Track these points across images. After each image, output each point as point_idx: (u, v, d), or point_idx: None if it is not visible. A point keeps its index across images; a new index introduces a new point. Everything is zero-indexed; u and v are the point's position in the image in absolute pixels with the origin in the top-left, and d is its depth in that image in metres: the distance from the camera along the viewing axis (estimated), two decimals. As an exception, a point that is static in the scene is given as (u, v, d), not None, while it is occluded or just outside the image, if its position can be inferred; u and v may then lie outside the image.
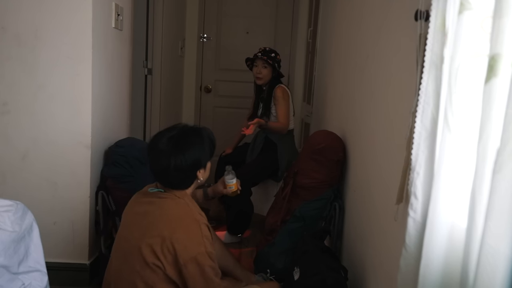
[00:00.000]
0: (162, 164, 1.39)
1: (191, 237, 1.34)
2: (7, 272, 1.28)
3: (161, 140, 1.41)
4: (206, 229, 1.39)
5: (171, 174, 1.40)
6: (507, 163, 0.59)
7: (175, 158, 1.37)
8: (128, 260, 1.38)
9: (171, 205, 1.40)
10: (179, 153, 1.38)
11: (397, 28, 1.32)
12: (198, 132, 1.46)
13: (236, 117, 3.83)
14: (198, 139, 1.44)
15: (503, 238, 0.60)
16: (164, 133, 1.44)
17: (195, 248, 1.32)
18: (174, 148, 1.39)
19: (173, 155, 1.38)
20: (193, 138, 1.44)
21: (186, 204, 1.42)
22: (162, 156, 1.39)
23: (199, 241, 1.34)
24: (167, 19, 3.30)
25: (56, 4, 1.86)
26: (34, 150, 1.94)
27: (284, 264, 1.91)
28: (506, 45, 0.60)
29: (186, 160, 1.39)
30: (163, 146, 1.39)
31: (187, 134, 1.44)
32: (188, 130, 1.46)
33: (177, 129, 1.45)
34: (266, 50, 2.78)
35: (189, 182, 1.47)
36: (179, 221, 1.36)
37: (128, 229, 1.43)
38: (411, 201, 0.84)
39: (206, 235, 1.36)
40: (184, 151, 1.39)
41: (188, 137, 1.43)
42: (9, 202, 1.37)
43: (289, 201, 2.09)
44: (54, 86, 1.91)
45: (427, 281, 0.77)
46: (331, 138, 2.07)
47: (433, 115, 0.80)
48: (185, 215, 1.39)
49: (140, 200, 1.47)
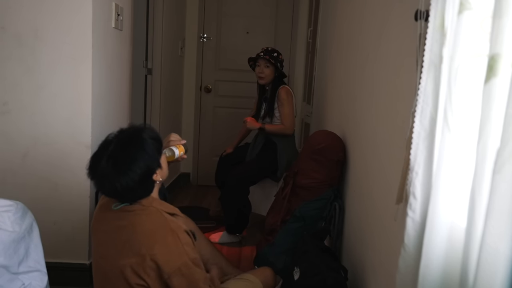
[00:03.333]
0: (110, 189, 1.27)
1: (171, 249, 1.26)
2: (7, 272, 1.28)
3: (99, 163, 1.25)
4: (184, 236, 1.30)
5: (123, 194, 1.29)
6: (507, 163, 0.59)
7: (120, 181, 1.23)
8: (111, 280, 1.31)
9: (142, 218, 1.30)
10: (122, 174, 1.23)
11: (397, 28, 1.32)
12: (137, 138, 1.30)
13: (236, 117, 3.83)
14: (138, 147, 1.28)
15: (503, 238, 0.60)
16: (100, 154, 1.27)
17: (177, 260, 1.25)
18: (115, 169, 1.23)
19: (116, 178, 1.23)
20: (132, 148, 1.27)
21: (158, 213, 1.31)
22: (105, 182, 1.25)
23: (180, 251, 1.27)
24: (167, 19, 3.30)
25: (57, 4, 1.86)
26: (34, 150, 1.94)
27: (284, 264, 1.91)
28: (506, 45, 0.60)
29: (133, 178, 1.24)
30: (103, 170, 1.24)
31: (124, 146, 1.27)
32: (125, 140, 1.29)
33: (113, 143, 1.28)
34: (268, 49, 2.78)
35: (148, 190, 1.33)
36: (155, 234, 1.27)
37: (103, 247, 1.35)
38: (410, 201, 0.84)
39: (186, 242, 1.29)
40: (127, 170, 1.24)
41: (126, 150, 1.27)
42: (9, 202, 1.38)
43: (289, 201, 2.09)
44: (55, 86, 1.91)
45: (427, 282, 0.77)
46: (331, 138, 2.07)
47: (432, 115, 0.80)
48: (160, 227, 1.29)
49: (106, 216, 1.37)
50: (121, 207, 1.32)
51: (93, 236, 1.41)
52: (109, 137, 1.30)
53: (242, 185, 2.66)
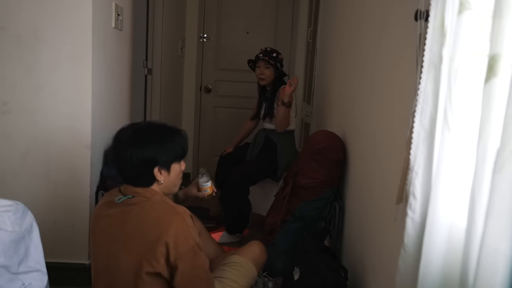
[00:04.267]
0: (117, 153, 1.34)
1: (179, 233, 1.28)
2: (7, 272, 1.28)
3: (126, 130, 1.36)
4: (190, 220, 1.33)
5: (123, 166, 1.34)
6: (507, 163, 0.59)
7: (127, 151, 1.31)
8: (117, 277, 1.32)
9: (146, 209, 1.33)
10: (132, 147, 1.32)
11: (397, 28, 1.32)
12: (165, 132, 1.38)
13: (236, 117, 3.83)
14: (160, 138, 1.36)
15: (503, 238, 0.60)
16: (132, 125, 1.40)
17: (184, 244, 1.28)
18: (131, 139, 1.33)
19: (127, 147, 1.32)
20: (155, 136, 1.35)
21: (161, 202, 1.35)
22: (119, 146, 1.34)
23: (186, 235, 1.29)
24: (167, 19, 3.30)
25: (56, 5, 1.86)
26: (34, 150, 1.94)
27: (284, 264, 1.91)
28: (506, 45, 0.60)
29: (138, 156, 1.31)
30: (123, 136, 1.34)
31: (151, 130, 1.37)
32: (156, 127, 1.39)
33: (146, 123, 1.41)
34: (267, 50, 2.76)
35: (147, 180, 1.36)
36: (162, 221, 1.29)
37: (104, 244, 1.36)
38: (409, 201, 0.84)
39: (191, 226, 1.32)
40: (138, 146, 1.32)
41: (150, 133, 1.36)
42: (9, 202, 1.37)
43: (289, 201, 2.09)
44: (55, 86, 1.91)
45: (427, 282, 0.77)
46: (331, 138, 2.07)
47: (432, 115, 0.80)
48: (165, 212, 1.32)
49: (108, 213, 1.38)
50: (124, 200, 1.35)
51: (92, 235, 1.42)
52: (149, 121, 1.41)
53: (242, 185, 2.66)
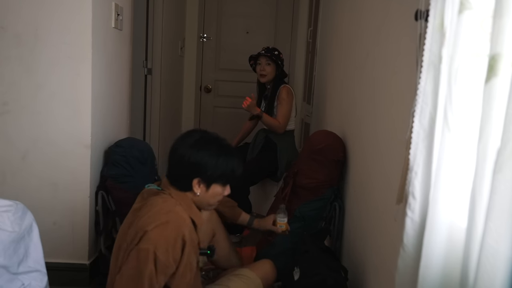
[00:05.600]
0: (175, 147, 1.39)
1: (158, 234, 1.26)
2: (7, 272, 1.28)
3: (195, 133, 1.41)
4: (172, 237, 1.27)
5: (174, 160, 1.38)
6: (507, 163, 0.59)
7: (185, 149, 1.35)
8: (116, 256, 1.35)
9: (158, 201, 1.35)
10: (191, 148, 1.35)
11: (397, 28, 1.32)
12: (226, 150, 1.39)
13: (236, 117, 3.83)
14: (218, 151, 1.38)
15: (504, 238, 0.60)
16: (203, 131, 1.44)
17: (149, 243, 1.24)
18: (194, 142, 1.37)
19: (188, 146, 1.36)
20: (215, 147, 1.38)
21: (175, 204, 1.35)
22: (181, 142, 1.39)
23: (155, 237, 1.25)
24: (167, 19, 3.30)
25: (56, 4, 1.86)
26: (34, 150, 1.94)
27: (284, 264, 1.91)
28: (506, 45, 0.60)
29: (190, 157, 1.34)
30: (189, 137, 1.39)
31: (215, 142, 1.39)
32: (220, 142, 1.40)
33: (215, 136, 1.42)
34: (269, 48, 2.82)
35: (184, 185, 1.38)
36: (157, 215, 1.29)
37: (121, 227, 1.42)
38: (409, 201, 0.84)
39: (166, 238, 1.26)
40: (196, 148, 1.35)
41: (212, 144, 1.38)
42: (8, 202, 1.37)
43: (289, 201, 2.09)
44: (54, 86, 1.91)
45: (426, 282, 0.77)
46: (331, 138, 2.07)
47: (432, 115, 0.80)
48: (166, 212, 1.31)
49: (138, 199, 1.45)
50: (152, 188, 1.41)
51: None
52: (219, 135, 1.44)
53: (243, 185, 2.66)
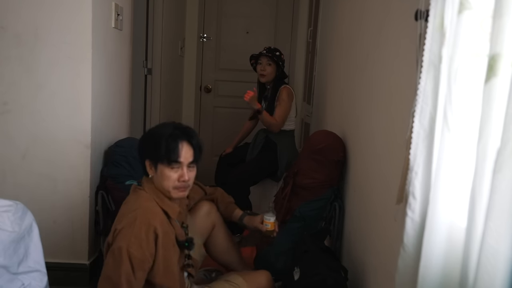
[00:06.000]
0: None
1: (126, 230, 1.32)
2: (7, 272, 1.28)
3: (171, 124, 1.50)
4: (143, 230, 1.32)
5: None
6: (507, 162, 0.59)
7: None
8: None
9: (131, 199, 1.44)
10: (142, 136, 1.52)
11: (397, 28, 1.32)
12: (159, 130, 1.45)
13: (236, 117, 3.83)
14: (152, 132, 1.47)
15: (504, 238, 0.60)
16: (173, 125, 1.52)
17: (120, 241, 1.31)
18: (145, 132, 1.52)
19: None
20: (153, 129, 1.49)
21: (147, 200, 1.41)
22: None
23: (126, 234, 1.31)
24: (167, 19, 3.30)
25: (56, 4, 1.86)
26: (34, 150, 1.94)
27: (284, 264, 1.91)
28: (506, 45, 0.60)
29: (138, 144, 1.49)
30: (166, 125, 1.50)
31: (158, 127, 1.48)
32: (164, 126, 1.47)
33: (166, 122, 1.52)
34: (271, 48, 2.82)
35: (144, 170, 1.47)
36: (127, 212, 1.37)
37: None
38: (409, 201, 0.84)
39: (136, 235, 1.30)
40: (142, 136, 1.52)
41: (154, 129, 1.48)
42: (8, 202, 1.37)
43: (289, 201, 2.09)
44: (54, 85, 1.91)
45: (426, 282, 0.77)
46: (331, 138, 2.06)
47: (432, 115, 0.80)
48: (133, 210, 1.37)
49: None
50: (132, 184, 1.50)
51: None
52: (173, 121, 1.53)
53: (243, 185, 2.67)
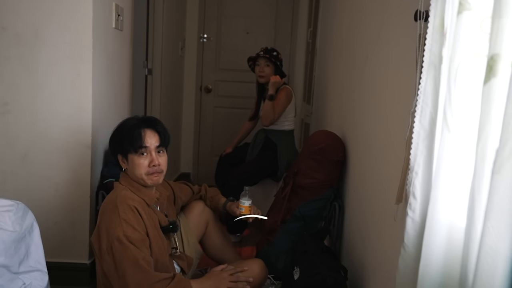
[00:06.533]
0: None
1: (109, 222, 1.33)
2: (8, 272, 1.29)
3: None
4: (128, 212, 1.33)
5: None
6: (506, 163, 0.59)
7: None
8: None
9: (109, 196, 1.46)
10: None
11: (397, 28, 1.32)
12: (123, 122, 1.50)
13: (236, 117, 3.83)
14: (118, 126, 1.50)
15: (503, 238, 0.60)
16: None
17: (112, 233, 1.31)
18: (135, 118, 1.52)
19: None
20: (119, 124, 1.51)
21: (120, 188, 1.44)
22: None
23: (116, 223, 1.32)
24: (167, 19, 3.30)
25: (56, 4, 1.86)
26: (34, 150, 1.94)
27: (284, 264, 1.91)
28: (506, 45, 0.60)
29: (110, 139, 1.51)
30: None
31: (124, 122, 1.51)
32: (139, 118, 1.51)
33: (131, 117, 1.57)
34: (268, 49, 2.80)
35: (119, 165, 1.50)
36: (104, 208, 1.40)
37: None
38: (409, 201, 0.84)
39: (125, 219, 1.32)
40: (112, 133, 1.52)
41: (120, 124, 1.50)
42: (9, 202, 1.38)
43: (289, 200, 2.09)
44: (55, 86, 1.91)
45: (426, 281, 0.77)
46: (331, 138, 2.07)
47: (432, 115, 0.81)
48: (111, 200, 1.40)
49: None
50: (113, 181, 1.53)
51: None
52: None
53: (243, 186, 2.66)
